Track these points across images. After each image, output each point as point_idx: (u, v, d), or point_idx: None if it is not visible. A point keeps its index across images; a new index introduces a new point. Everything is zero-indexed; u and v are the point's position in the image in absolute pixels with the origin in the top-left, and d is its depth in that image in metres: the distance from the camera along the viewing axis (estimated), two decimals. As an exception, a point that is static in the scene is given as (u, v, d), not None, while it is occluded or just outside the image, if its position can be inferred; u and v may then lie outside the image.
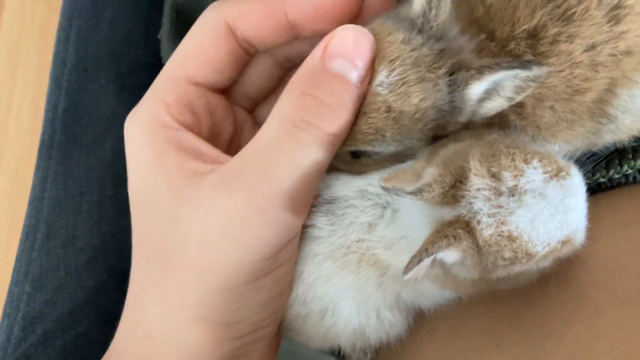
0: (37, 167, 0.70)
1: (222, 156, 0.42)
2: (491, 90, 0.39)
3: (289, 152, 0.38)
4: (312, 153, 0.38)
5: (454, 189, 0.37)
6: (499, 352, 0.43)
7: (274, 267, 0.41)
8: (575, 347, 0.40)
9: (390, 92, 0.38)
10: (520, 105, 0.41)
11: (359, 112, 0.40)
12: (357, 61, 0.38)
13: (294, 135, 0.38)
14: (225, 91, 0.48)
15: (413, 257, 0.36)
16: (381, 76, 0.38)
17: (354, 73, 0.38)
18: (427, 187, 0.36)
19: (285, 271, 0.42)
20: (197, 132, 0.44)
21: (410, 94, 0.38)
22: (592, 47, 0.39)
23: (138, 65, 0.70)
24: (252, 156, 0.39)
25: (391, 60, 0.38)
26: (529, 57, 0.40)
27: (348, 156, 0.42)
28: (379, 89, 0.38)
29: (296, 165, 0.38)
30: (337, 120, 0.38)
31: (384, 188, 0.37)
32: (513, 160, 0.36)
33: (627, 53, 0.39)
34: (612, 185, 0.48)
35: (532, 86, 0.38)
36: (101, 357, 0.44)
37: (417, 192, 0.36)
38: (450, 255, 0.36)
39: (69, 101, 0.69)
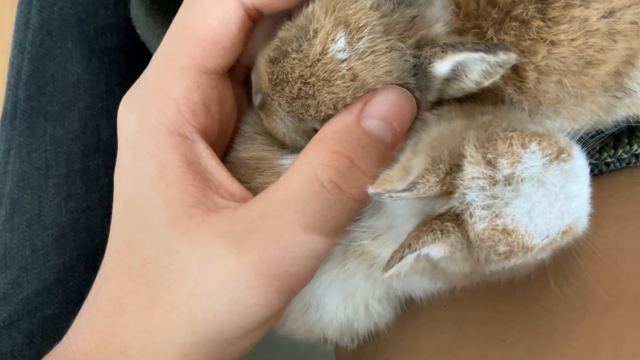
0: (0, 139, 0.67)
1: (229, 182, 0.40)
2: (458, 70, 0.37)
3: (311, 215, 0.36)
4: (335, 218, 0.36)
5: (450, 175, 0.33)
6: (504, 348, 0.42)
7: (270, 322, 0.39)
8: (582, 345, 0.39)
9: (358, 59, 0.37)
10: (520, 78, 0.38)
11: (322, 81, 0.37)
12: (397, 126, 0.37)
13: (320, 197, 0.36)
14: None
15: (395, 253, 0.33)
16: (340, 43, 0.36)
17: (390, 136, 0.37)
18: (420, 179, 0.33)
19: (275, 321, 0.41)
20: (210, 133, 0.41)
21: (377, 64, 0.37)
22: (611, 12, 0.36)
23: (107, 28, 0.67)
24: (269, 212, 0.37)
25: (359, 27, 0.36)
26: (538, 22, 0.37)
27: (313, 132, 0.40)
28: (340, 54, 0.37)
29: (317, 232, 0.36)
30: (366, 185, 0.35)
31: (374, 196, 0.34)
32: (510, 145, 0.33)
33: None
34: (620, 167, 0.45)
35: (499, 72, 0.36)
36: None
37: (411, 187, 0.33)
38: (436, 250, 0.34)
39: (33, 67, 0.66)
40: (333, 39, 0.36)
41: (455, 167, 0.34)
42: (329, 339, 0.47)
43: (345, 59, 0.36)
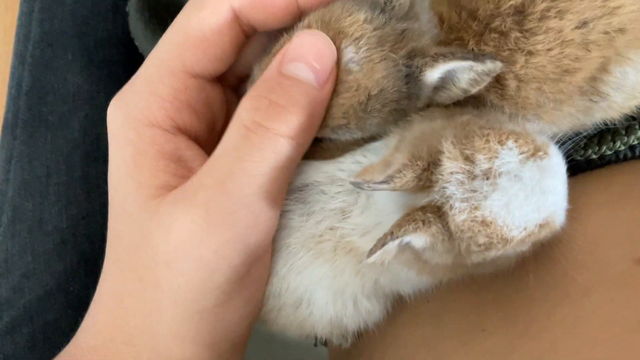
0: (1, 148, 0.68)
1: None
2: (447, 79, 0.39)
3: (244, 159, 0.37)
4: (267, 157, 0.37)
5: (427, 172, 0.35)
6: (484, 337, 0.42)
7: (243, 288, 0.40)
8: (561, 330, 0.39)
9: (360, 69, 0.38)
10: (501, 86, 0.39)
11: (333, 93, 0.38)
12: (315, 63, 0.37)
13: (248, 140, 0.37)
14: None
15: (378, 241, 0.34)
16: (349, 53, 0.38)
17: (311, 74, 0.37)
18: (397, 173, 0.34)
19: (256, 290, 0.42)
20: (195, 132, 0.42)
21: (375, 70, 0.38)
22: (584, 23, 0.37)
23: (106, 39, 0.68)
24: (210, 168, 0.38)
25: (356, 39, 0.38)
26: (516, 34, 0.38)
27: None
28: (351, 65, 0.38)
29: (253, 173, 0.37)
30: (291, 120, 0.37)
31: (353, 184, 0.35)
32: (487, 141, 0.35)
33: (621, 30, 0.37)
34: (603, 163, 0.46)
35: (486, 80, 0.37)
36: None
37: (388, 180, 0.34)
38: (418, 239, 0.35)
39: (34, 78, 0.67)
40: (341, 48, 0.38)
41: (433, 164, 0.35)
42: (320, 335, 0.47)
43: (353, 70, 0.38)
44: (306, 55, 0.37)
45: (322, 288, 0.43)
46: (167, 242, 0.38)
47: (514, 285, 0.42)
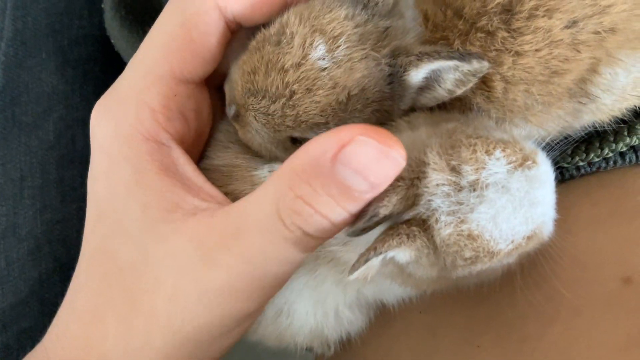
0: None
1: (207, 186, 0.40)
2: (431, 79, 0.38)
3: (270, 246, 0.35)
4: (293, 254, 0.36)
5: (412, 188, 0.33)
6: (478, 353, 0.42)
7: (247, 321, 0.40)
8: (552, 350, 0.39)
9: (338, 67, 0.37)
10: (488, 88, 0.39)
11: (304, 90, 0.37)
12: (373, 179, 0.33)
13: (282, 233, 0.35)
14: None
15: (360, 256, 0.33)
16: (319, 50, 0.36)
17: (365, 186, 0.33)
18: (380, 202, 0.33)
19: (257, 317, 0.41)
20: (186, 140, 0.41)
21: (355, 70, 0.37)
22: (574, 23, 0.36)
23: (81, 37, 0.66)
24: (239, 231, 0.36)
25: (335, 37, 0.36)
26: (503, 33, 0.37)
27: (289, 142, 0.40)
28: (321, 62, 0.36)
29: (277, 261, 0.36)
30: (327, 230, 0.34)
31: (349, 235, 0.34)
32: (474, 152, 0.34)
33: (612, 30, 0.36)
34: (591, 171, 0.45)
35: (472, 80, 0.36)
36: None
37: (375, 213, 0.32)
38: (402, 254, 0.34)
39: (7, 78, 0.65)
40: (312, 45, 0.36)
41: (416, 179, 0.34)
42: (300, 345, 0.47)
43: (325, 68, 0.36)
44: (366, 169, 0.32)
45: (303, 298, 0.42)
46: (177, 279, 0.37)
47: (506, 300, 0.41)
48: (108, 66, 0.67)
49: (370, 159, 0.32)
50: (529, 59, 0.37)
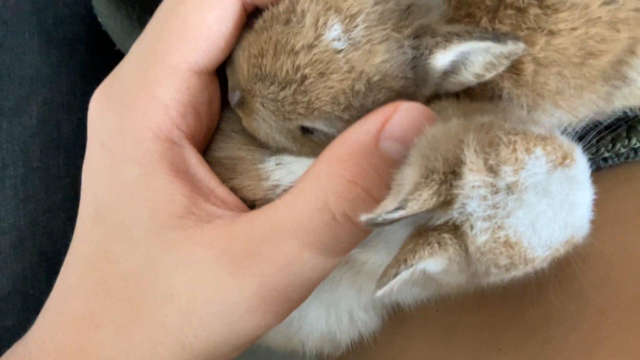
0: None
1: (221, 190, 0.38)
2: (458, 62, 0.36)
3: (307, 250, 0.34)
4: (326, 259, 0.35)
5: (446, 184, 0.31)
6: (500, 356, 0.41)
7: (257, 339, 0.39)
8: (577, 353, 0.38)
9: (355, 49, 0.35)
10: (517, 71, 0.36)
11: (317, 74, 0.35)
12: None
13: (330, 227, 0.33)
14: None
15: (388, 269, 0.31)
16: (334, 31, 0.34)
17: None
18: (411, 195, 0.30)
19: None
20: (197, 137, 0.39)
21: (374, 53, 0.34)
22: None
23: (67, 16, 0.64)
24: (272, 235, 0.34)
25: (352, 15, 0.34)
26: (535, 10, 0.35)
27: (298, 132, 0.38)
28: (336, 44, 0.34)
29: (310, 266, 0.35)
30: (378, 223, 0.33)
31: (367, 223, 0.31)
32: (514, 150, 0.31)
33: None
34: (619, 162, 0.44)
35: (504, 64, 0.34)
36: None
37: (403, 205, 0.30)
38: (433, 264, 0.32)
39: None
40: (325, 25, 0.34)
41: (451, 175, 0.31)
42: (310, 349, 0.46)
43: (341, 50, 0.34)
44: (411, 135, 0.33)
45: (315, 302, 0.41)
46: (193, 293, 0.35)
47: (529, 300, 0.40)
48: (95, 46, 0.64)
49: (412, 127, 0.32)
50: (564, 38, 0.35)
